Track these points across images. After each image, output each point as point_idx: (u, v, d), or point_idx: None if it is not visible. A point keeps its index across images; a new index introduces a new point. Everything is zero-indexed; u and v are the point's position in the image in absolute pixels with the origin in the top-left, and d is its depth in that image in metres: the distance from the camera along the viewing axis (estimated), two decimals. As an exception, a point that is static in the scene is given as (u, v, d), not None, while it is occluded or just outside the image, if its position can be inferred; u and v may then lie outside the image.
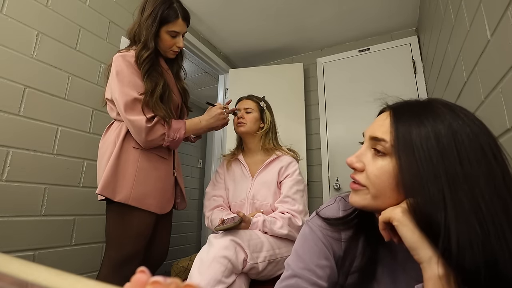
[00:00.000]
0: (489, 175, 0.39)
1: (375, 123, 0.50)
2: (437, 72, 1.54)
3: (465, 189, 0.38)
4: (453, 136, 0.41)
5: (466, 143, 0.40)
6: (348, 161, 0.50)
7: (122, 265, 0.97)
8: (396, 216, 0.41)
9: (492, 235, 0.36)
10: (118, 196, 0.95)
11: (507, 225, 0.37)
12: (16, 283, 0.17)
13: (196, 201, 3.59)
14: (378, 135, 0.47)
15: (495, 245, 0.36)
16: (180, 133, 1.06)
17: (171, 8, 1.07)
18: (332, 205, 0.60)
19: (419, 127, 0.43)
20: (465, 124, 0.42)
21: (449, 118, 0.42)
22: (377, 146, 0.47)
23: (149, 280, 0.16)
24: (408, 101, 0.50)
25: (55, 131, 1.26)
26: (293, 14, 2.07)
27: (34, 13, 1.22)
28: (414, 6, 1.97)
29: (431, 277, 0.38)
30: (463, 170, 0.39)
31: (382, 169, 0.45)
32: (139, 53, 1.02)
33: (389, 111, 0.49)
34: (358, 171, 0.49)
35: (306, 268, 0.53)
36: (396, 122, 0.45)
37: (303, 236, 0.58)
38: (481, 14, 0.85)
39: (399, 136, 0.44)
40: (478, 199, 0.38)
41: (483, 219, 0.37)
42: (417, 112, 0.45)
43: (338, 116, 2.28)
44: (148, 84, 1.00)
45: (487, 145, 0.40)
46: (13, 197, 1.09)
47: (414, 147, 0.42)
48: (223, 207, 1.27)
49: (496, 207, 0.37)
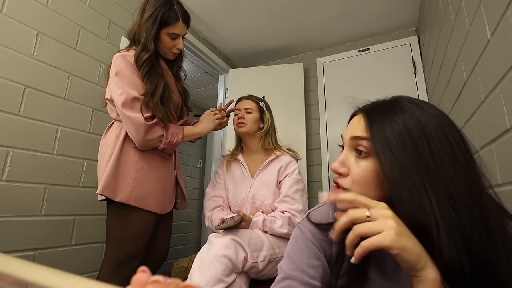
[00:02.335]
0: (456, 162, 0.41)
1: (351, 126, 0.52)
2: (437, 72, 1.54)
3: (437, 179, 0.40)
4: (422, 129, 0.43)
5: (434, 135, 0.43)
6: (332, 167, 0.51)
7: (122, 265, 0.97)
8: (394, 243, 0.35)
9: (464, 220, 0.38)
10: (119, 196, 0.96)
11: (473, 207, 0.39)
12: (16, 283, 0.17)
13: (196, 201, 3.59)
14: (359, 134, 0.48)
15: (468, 229, 0.38)
16: (178, 137, 1.06)
17: (171, 10, 1.06)
18: (322, 207, 0.61)
19: (391, 125, 0.45)
20: (430, 117, 0.44)
21: (416, 112, 0.45)
22: (359, 147, 0.48)
23: (149, 279, 0.16)
24: (376, 102, 0.52)
25: (55, 131, 1.26)
26: (293, 14, 2.07)
27: (34, 13, 1.21)
28: (414, 6, 1.97)
29: (430, 285, 0.37)
30: (434, 160, 0.41)
31: (366, 170, 0.46)
32: (139, 55, 1.02)
33: (361, 114, 0.51)
34: (342, 176, 0.50)
35: (298, 269, 0.53)
36: (370, 122, 0.47)
37: (294, 238, 0.59)
38: (481, 14, 0.85)
39: (375, 136, 0.45)
40: (450, 186, 0.40)
41: (455, 205, 0.39)
42: (387, 110, 0.47)
43: (338, 116, 2.28)
44: (148, 85, 1.00)
45: (451, 134, 0.43)
46: (13, 197, 1.09)
47: (390, 143, 0.43)
48: (223, 207, 1.27)
49: (465, 191, 0.40)
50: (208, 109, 1.25)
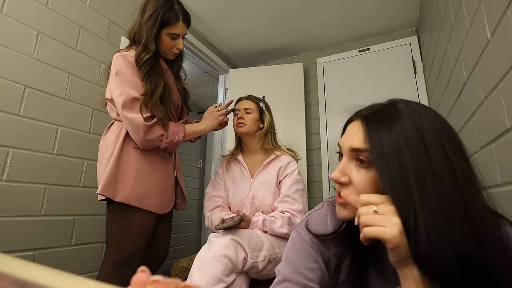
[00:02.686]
0: (451, 171, 0.41)
1: (349, 134, 0.50)
2: (437, 72, 1.54)
3: (432, 188, 0.40)
4: (421, 137, 0.42)
5: (431, 143, 0.42)
6: (333, 177, 0.49)
7: (122, 265, 0.97)
8: (393, 240, 0.39)
9: (455, 229, 0.38)
10: (119, 196, 0.95)
11: (465, 217, 0.39)
12: (16, 283, 0.17)
13: (196, 201, 3.59)
14: (359, 146, 0.46)
15: (459, 239, 0.38)
16: (179, 135, 1.06)
17: (172, 10, 1.06)
18: (320, 210, 0.61)
19: (389, 133, 0.43)
20: (427, 122, 0.43)
21: (415, 119, 0.44)
22: (360, 157, 0.47)
23: (149, 279, 0.16)
24: (373, 107, 0.50)
25: (55, 131, 1.26)
26: (293, 14, 2.07)
27: (34, 13, 1.22)
28: (414, 6, 1.97)
29: (412, 281, 0.39)
30: (430, 169, 0.40)
31: (369, 180, 0.45)
32: (139, 55, 1.02)
33: (359, 120, 0.49)
34: (344, 185, 0.48)
35: (296, 272, 0.53)
36: (369, 132, 0.46)
37: (292, 241, 0.59)
38: (481, 14, 0.85)
39: (373, 147, 0.44)
40: (443, 196, 0.39)
41: (448, 215, 0.39)
42: (385, 117, 0.46)
43: (338, 116, 2.28)
44: (148, 85, 1.00)
45: (447, 141, 0.42)
46: (13, 197, 1.09)
47: (387, 153, 0.42)
48: (223, 208, 1.27)
49: (458, 203, 0.39)
50: (207, 111, 1.23)
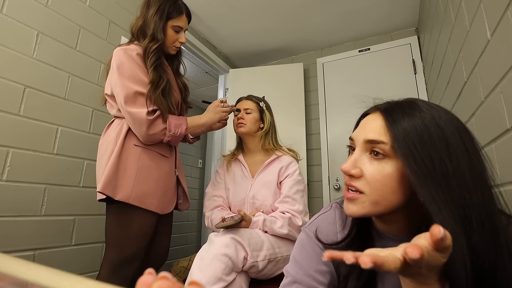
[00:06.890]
0: (472, 169, 0.40)
1: (366, 126, 0.48)
2: (437, 72, 1.54)
3: (454, 185, 0.39)
4: (441, 133, 0.41)
5: (452, 139, 0.41)
6: (343, 168, 0.47)
7: (122, 265, 0.96)
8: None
9: (475, 231, 0.37)
10: (119, 194, 0.94)
11: (485, 218, 0.38)
12: (16, 283, 0.17)
13: (196, 201, 3.58)
14: (376, 138, 0.45)
15: (478, 240, 0.37)
16: (182, 128, 1.06)
17: (176, 4, 1.13)
18: (328, 213, 0.59)
19: (414, 127, 0.42)
20: (448, 121, 0.43)
21: (434, 115, 0.43)
22: (376, 149, 0.45)
23: (156, 278, 0.16)
24: (391, 102, 0.49)
25: (55, 131, 1.26)
26: (293, 14, 2.06)
27: (34, 13, 1.21)
28: (414, 6, 1.97)
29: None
30: (452, 166, 0.40)
31: (383, 172, 0.43)
32: (148, 45, 1.05)
33: (378, 113, 0.48)
34: (355, 178, 0.46)
35: (306, 274, 0.52)
36: (392, 123, 0.44)
37: (300, 242, 0.58)
38: (481, 14, 0.84)
39: (398, 137, 0.42)
40: (464, 194, 0.39)
41: (468, 214, 0.38)
42: (406, 111, 0.45)
43: (338, 116, 2.28)
44: (154, 75, 1.01)
45: (467, 141, 0.42)
46: (13, 197, 1.09)
47: (413, 145, 0.41)
48: (223, 207, 1.27)
49: (478, 200, 0.38)
50: (212, 104, 1.21)
